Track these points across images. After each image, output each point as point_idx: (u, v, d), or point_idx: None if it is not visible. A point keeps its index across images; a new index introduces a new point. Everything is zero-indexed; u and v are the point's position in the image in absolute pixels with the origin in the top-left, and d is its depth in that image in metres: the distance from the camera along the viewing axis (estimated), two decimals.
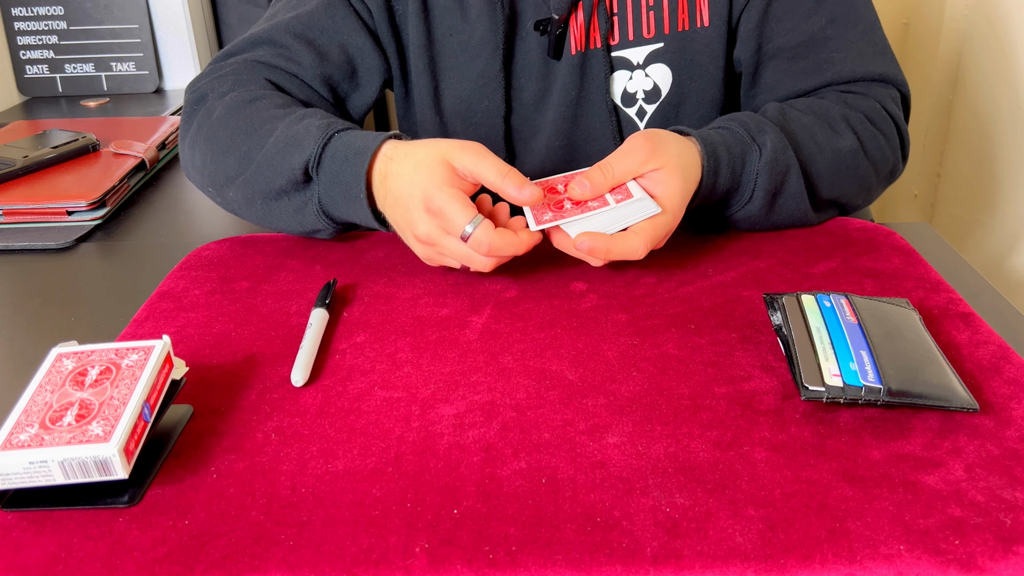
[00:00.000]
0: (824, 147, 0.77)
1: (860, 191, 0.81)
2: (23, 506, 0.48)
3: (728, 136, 0.74)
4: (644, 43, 0.84)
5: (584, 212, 0.67)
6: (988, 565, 0.42)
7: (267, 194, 0.74)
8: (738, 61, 0.86)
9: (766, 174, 0.73)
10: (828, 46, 0.83)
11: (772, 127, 0.75)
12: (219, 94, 0.80)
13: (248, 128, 0.76)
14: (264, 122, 0.75)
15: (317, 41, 0.84)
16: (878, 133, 0.80)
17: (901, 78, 0.85)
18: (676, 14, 0.83)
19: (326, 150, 0.71)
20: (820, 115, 0.79)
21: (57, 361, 0.53)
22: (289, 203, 0.74)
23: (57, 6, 1.43)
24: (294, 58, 0.83)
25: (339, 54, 0.84)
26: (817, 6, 0.82)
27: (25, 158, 1.00)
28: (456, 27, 0.85)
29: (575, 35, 0.83)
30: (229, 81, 0.81)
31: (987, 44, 1.40)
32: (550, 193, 0.70)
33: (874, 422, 0.53)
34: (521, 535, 0.45)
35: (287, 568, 0.44)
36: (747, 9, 0.83)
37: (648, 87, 0.85)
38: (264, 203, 0.75)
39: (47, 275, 0.80)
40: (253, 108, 0.77)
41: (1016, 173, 1.34)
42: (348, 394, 0.57)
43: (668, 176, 0.68)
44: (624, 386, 0.57)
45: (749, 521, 0.45)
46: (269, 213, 0.76)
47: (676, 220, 0.69)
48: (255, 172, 0.74)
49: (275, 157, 0.73)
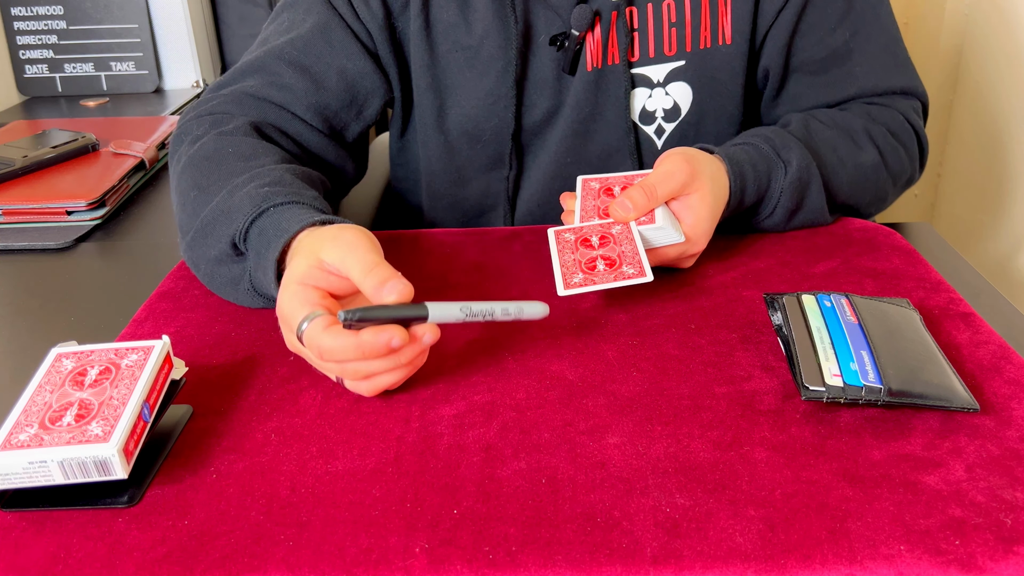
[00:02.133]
0: (846, 161, 0.78)
1: (876, 201, 0.82)
2: (23, 506, 0.48)
3: (754, 153, 0.74)
4: (665, 60, 0.82)
5: (596, 281, 0.65)
6: (988, 565, 0.42)
7: (208, 261, 0.68)
8: (762, 76, 0.85)
9: (790, 192, 0.74)
10: (851, 59, 0.83)
11: (797, 143, 0.76)
12: (193, 138, 0.76)
13: (201, 183, 0.71)
14: (217, 179, 0.70)
15: (313, 68, 0.80)
16: (899, 146, 0.82)
17: (921, 88, 0.86)
18: (699, 31, 0.81)
19: (253, 225, 0.64)
20: (843, 129, 0.80)
21: (57, 361, 0.53)
22: (228, 272, 0.68)
23: (57, 6, 1.43)
24: (287, 86, 0.79)
25: (337, 81, 0.81)
26: (842, 19, 0.82)
27: (25, 158, 0.99)
28: (461, 43, 0.82)
29: (591, 51, 0.81)
30: (207, 122, 0.77)
31: (987, 44, 1.40)
32: (583, 246, 0.68)
33: (874, 422, 0.53)
34: (521, 535, 0.45)
35: (287, 568, 0.44)
36: (775, 26, 0.82)
37: (668, 105, 0.84)
38: (207, 270, 0.69)
39: (47, 275, 0.80)
40: (213, 161, 0.72)
41: (1017, 173, 1.34)
42: (348, 394, 0.57)
43: (700, 202, 0.68)
44: (624, 386, 0.57)
45: (749, 521, 0.45)
46: (212, 280, 0.70)
47: (702, 245, 0.70)
48: (197, 234, 0.68)
49: (210, 225, 0.67)
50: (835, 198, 0.78)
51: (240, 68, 0.82)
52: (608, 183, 0.72)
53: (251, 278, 0.66)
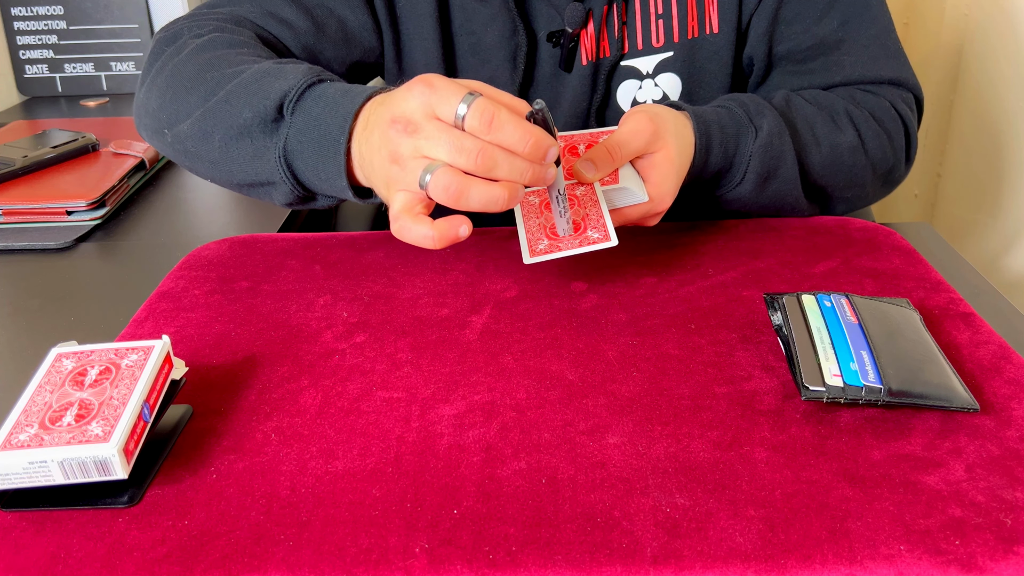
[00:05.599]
0: (822, 140, 0.77)
1: (852, 186, 0.80)
2: (23, 506, 0.48)
3: (724, 115, 0.73)
4: (654, 52, 0.83)
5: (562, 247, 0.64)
6: (988, 565, 0.42)
7: (228, 129, 0.65)
8: (747, 64, 0.85)
9: (759, 156, 0.73)
10: (840, 49, 0.82)
11: (772, 111, 0.75)
12: (196, 35, 0.73)
13: (221, 64, 0.67)
14: (243, 60, 0.67)
15: (315, 11, 0.78)
16: (882, 132, 0.80)
17: (914, 81, 0.84)
18: (686, 21, 0.82)
19: (312, 89, 0.62)
20: (824, 107, 0.78)
21: (57, 361, 0.53)
22: (250, 145, 0.64)
23: (57, 6, 1.43)
24: (286, 20, 0.76)
25: (336, 30, 0.79)
26: (829, 8, 0.81)
27: (25, 158, 0.99)
28: (468, 28, 0.83)
29: (586, 46, 0.82)
30: (211, 25, 0.74)
31: (987, 43, 1.40)
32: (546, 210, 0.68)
33: (874, 422, 0.53)
34: (521, 535, 0.45)
35: (287, 568, 0.44)
36: (757, 13, 0.82)
37: (657, 96, 0.85)
38: (223, 140, 0.66)
39: (47, 275, 0.80)
40: (234, 49, 0.69)
41: (1017, 173, 1.34)
42: (348, 394, 0.57)
43: (664, 160, 0.67)
44: (624, 386, 0.57)
45: (749, 521, 0.45)
46: (225, 153, 0.66)
47: (666, 204, 0.68)
48: (220, 102, 0.65)
49: (250, 86, 0.64)
50: (807, 177, 0.77)
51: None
52: (573, 141, 0.70)
53: (286, 145, 0.63)
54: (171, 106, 0.69)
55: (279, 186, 0.67)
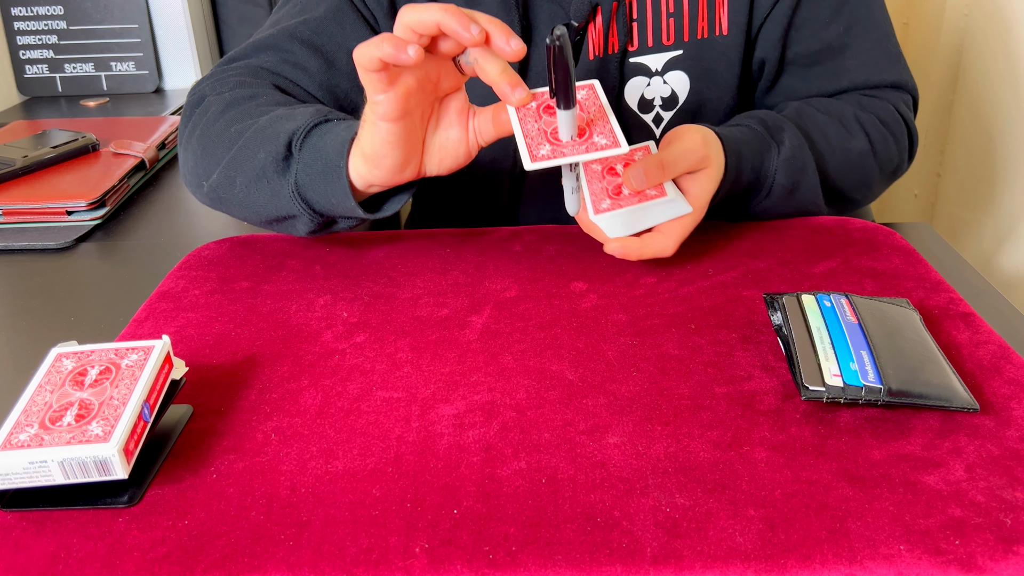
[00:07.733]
0: (836, 146, 0.80)
1: (862, 187, 0.84)
2: (23, 506, 0.48)
3: (748, 133, 0.76)
4: (663, 50, 0.84)
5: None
6: (988, 565, 0.42)
7: (248, 172, 0.70)
8: (756, 68, 0.87)
9: (784, 171, 0.76)
10: (845, 53, 0.85)
11: (790, 125, 0.78)
12: (218, 92, 0.79)
13: (243, 117, 0.73)
14: (262, 110, 0.73)
15: (325, 48, 0.82)
16: (888, 135, 0.83)
17: (912, 83, 0.88)
18: (696, 21, 0.83)
19: (318, 127, 0.67)
20: (835, 115, 0.82)
21: (57, 361, 0.53)
22: (267, 185, 0.70)
23: (57, 6, 1.44)
24: (300, 64, 0.82)
25: (348, 62, 0.83)
26: (836, 13, 0.84)
27: (25, 158, 1.00)
28: None
29: (593, 40, 0.83)
30: (231, 83, 0.80)
31: (987, 43, 1.40)
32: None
33: (874, 422, 0.53)
34: (521, 535, 0.45)
35: (287, 568, 0.44)
36: (769, 19, 0.84)
37: (666, 94, 0.86)
38: (244, 184, 0.71)
39: (47, 275, 0.80)
40: (253, 102, 0.75)
41: (1016, 173, 1.34)
42: (348, 394, 0.57)
43: (706, 176, 0.70)
44: (624, 386, 0.57)
45: (749, 521, 0.45)
46: (248, 195, 0.72)
47: (700, 217, 0.71)
48: (240, 149, 0.71)
49: (264, 131, 0.70)
50: (825, 182, 0.80)
51: (252, 44, 0.84)
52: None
53: (297, 179, 0.68)
54: (203, 162, 0.75)
55: (300, 218, 0.71)
